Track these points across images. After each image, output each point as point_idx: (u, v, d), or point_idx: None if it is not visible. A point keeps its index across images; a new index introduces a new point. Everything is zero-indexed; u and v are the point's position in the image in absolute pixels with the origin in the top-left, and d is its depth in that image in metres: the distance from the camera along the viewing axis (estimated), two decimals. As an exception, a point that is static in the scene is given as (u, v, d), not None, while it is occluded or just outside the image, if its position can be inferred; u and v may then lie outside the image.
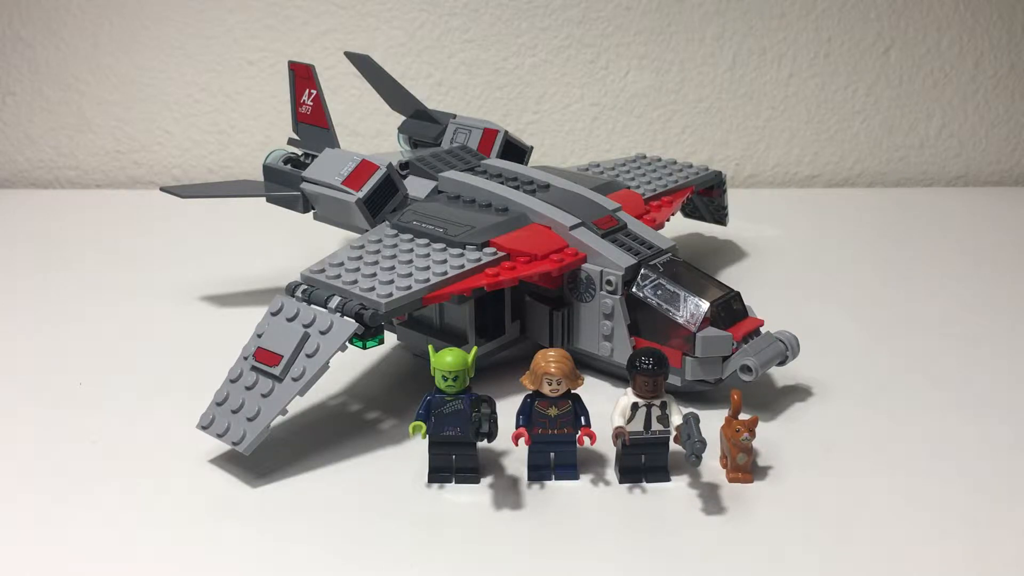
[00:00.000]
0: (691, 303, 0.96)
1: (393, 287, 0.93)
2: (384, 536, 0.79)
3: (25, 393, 1.04)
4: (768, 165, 1.99)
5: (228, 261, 1.45)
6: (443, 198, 1.15)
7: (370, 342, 0.92)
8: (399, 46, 1.89)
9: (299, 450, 0.92)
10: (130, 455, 0.91)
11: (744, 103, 1.96)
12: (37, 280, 1.39)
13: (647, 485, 0.86)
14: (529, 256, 1.02)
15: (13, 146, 1.93)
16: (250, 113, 1.92)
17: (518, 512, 0.83)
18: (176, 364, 1.11)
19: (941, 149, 2.00)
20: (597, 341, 1.03)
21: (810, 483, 0.86)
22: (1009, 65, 1.96)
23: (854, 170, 2.00)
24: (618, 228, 1.07)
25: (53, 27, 1.87)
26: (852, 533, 0.80)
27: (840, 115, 1.97)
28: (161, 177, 1.94)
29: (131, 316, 1.25)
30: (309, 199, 1.24)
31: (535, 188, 1.14)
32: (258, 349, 0.90)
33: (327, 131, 1.32)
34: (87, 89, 1.90)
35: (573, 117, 1.95)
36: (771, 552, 0.77)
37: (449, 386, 0.84)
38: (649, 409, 0.84)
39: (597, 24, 1.90)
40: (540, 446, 0.86)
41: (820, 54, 1.94)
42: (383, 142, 1.89)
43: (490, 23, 1.89)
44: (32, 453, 0.92)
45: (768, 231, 1.59)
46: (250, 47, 1.89)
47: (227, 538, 0.79)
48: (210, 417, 0.89)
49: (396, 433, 0.96)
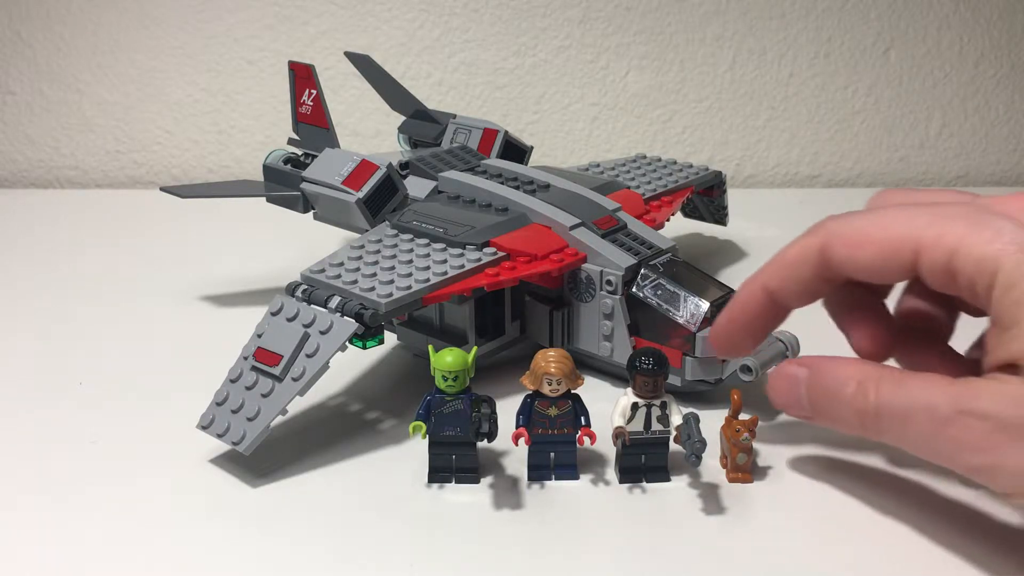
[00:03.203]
0: (691, 303, 0.96)
1: (393, 287, 0.93)
2: (384, 536, 0.79)
3: (25, 393, 1.04)
4: (768, 165, 1.99)
5: (228, 261, 1.45)
6: (443, 198, 1.15)
7: (370, 342, 0.92)
8: (399, 46, 1.89)
9: (299, 450, 0.92)
10: (130, 455, 0.91)
11: (744, 103, 1.96)
12: (37, 280, 1.39)
13: (647, 485, 0.86)
14: (529, 256, 1.02)
15: (13, 146, 1.93)
16: (250, 113, 1.92)
17: (518, 512, 0.83)
18: (176, 364, 1.11)
19: (941, 149, 2.00)
20: (597, 341, 1.03)
21: (810, 483, 0.86)
22: (1009, 65, 1.96)
23: (854, 170, 2.00)
24: (618, 228, 1.07)
25: (53, 27, 1.87)
26: (852, 533, 0.80)
27: (840, 115, 1.97)
28: (161, 177, 1.94)
29: (131, 316, 1.25)
30: (309, 199, 1.24)
31: (535, 188, 1.14)
32: (258, 349, 0.90)
33: (327, 131, 1.32)
34: (87, 89, 1.90)
35: (573, 117, 1.95)
36: (771, 552, 0.77)
37: (449, 386, 0.84)
38: (649, 409, 0.84)
39: (597, 24, 1.90)
40: (540, 446, 0.86)
41: (820, 54, 1.94)
42: (383, 142, 1.89)
43: (490, 23, 1.89)
44: (32, 453, 0.92)
45: (768, 231, 1.59)
46: (250, 47, 1.89)
47: (227, 538, 0.79)
48: (210, 417, 0.89)
49: (396, 433, 0.96)
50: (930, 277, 0.72)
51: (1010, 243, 0.67)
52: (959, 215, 0.70)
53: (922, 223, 0.72)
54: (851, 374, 0.75)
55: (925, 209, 0.73)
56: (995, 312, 0.69)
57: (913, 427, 0.70)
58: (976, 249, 0.68)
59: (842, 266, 0.76)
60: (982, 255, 0.68)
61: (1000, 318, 0.68)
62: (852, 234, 0.75)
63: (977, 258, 0.68)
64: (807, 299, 0.81)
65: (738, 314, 0.84)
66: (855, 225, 0.76)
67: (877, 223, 0.74)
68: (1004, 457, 0.66)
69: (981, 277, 0.68)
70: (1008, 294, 0.67)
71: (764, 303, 0.82)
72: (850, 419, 0.75)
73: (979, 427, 0.66)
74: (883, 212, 0.76)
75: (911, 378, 0.72)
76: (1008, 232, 0.68)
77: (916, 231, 0.71)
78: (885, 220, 0.74)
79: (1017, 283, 0.66)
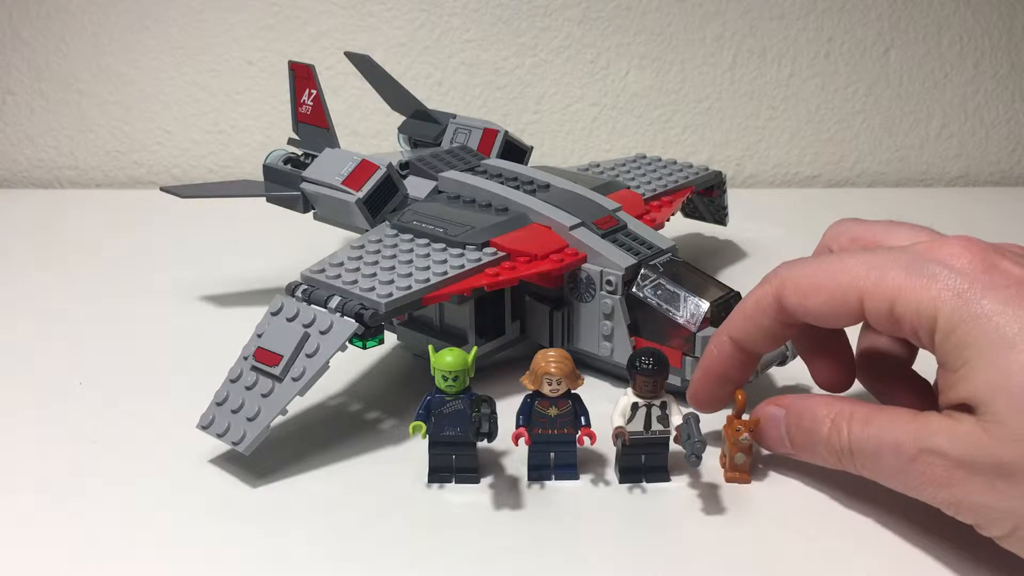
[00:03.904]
0: (691, 303, 0.96)
1: (393, 287, 0.93)
2: (384, 536, 0.79)
3: (25, 393, 1.04)
4: (768, 165, 1.99)
5: (228, 261, 1.45)
6: (443, 198, 1.15)
7: (370, 342, 0.92)
8: (399, 46, 1.89)
9: (299, 450, 0.92)
10: (130, 455, 0.91)
11: (744, 103, 1.96)
12: (37, 279, 1.39)
13: (647, 485, 0.86)
14: (529, 256, 1.02)
15: (13, 146, 1.93)
16: (250, 113, 1.92)
17: (518, 512, 0.83)
18: (176, 364, 1.11)
19: (941, 149, 2.00)
20: (597, 341, 1.03)
21: (810, 483, 0.86)
22: (1009, 65, 1.96)
23: (854, 170, 2.00)
24: (618, 228, 1.07)
25: (53, 27, 1.87)
26: (852, 533, 0.80)
27: (840, 115, 1.97)
28: (161, 177, 1.94)
29: (131, 316, 1.25)
30: (309, 199, 1.24)
31: (535, 188, 1.14)
32: (258, 349, 0.90)
33: (327, 131, 1.32)
34: (87, 89, 1.90)
35: (573, 117, 1.95)
36: (771, 552, 0.77)
37: (449, 386, 0.84)
38: (649, 409, 0.84)
39: (597, 24, 1.90)
40: (540, 446, 0.86)
41: (820, 54, 1.94)
42: (383, 142, 1.89)
43: (490, 23, 1.89)
44: (32, 453, 0.92)
45: (768, 231, 1.59)
46: (250, 47, 1.89)
47: (227, 538, 0.79)
48: (210, 417, 0.89)
49: (396, 433, 0.96)
50: (876, 323, 0.75)
51: (944, 289, 0.70)
52: (896, 263, 0.73)
53: (861, 272, 0.75)
54: (825, 413, 0.79)
55: (863, 257, 0.76)
56: (939, 356, 0.72)
57: (883, 463, 0.74)
58: (913, 296, 0.71)
59: (795, 312, 0.79)
60: (919, 301, 0.71)
61: (945, 362, 0.71)
62: (802, 281, 0.79)
63: (915, 305, 0.71)
64: (772, 344, 0.85)
65: (711, 367, 0.88)
66: (805, 272, 0.79)
67: (825, 270, 0.78)
68: (965, 492, 0.69)
69: (922, 323, 0.71)
70: (949, 339, 0.70)
71: (732, 353, 0.86)
72: (828, 457, 0.80)
73: (940, 463, 0.69)
74: (830, 259, 0.79)
75: (877, 415, 0.75)
76: (942, 278, 0.71)
77: (858, 280, 0.75)
78: (832, 267, 0.77)
79: (956, 327, 0.69)
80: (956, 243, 0.73)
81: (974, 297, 0.69)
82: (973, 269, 0.70)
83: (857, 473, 0.77)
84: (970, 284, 0.69)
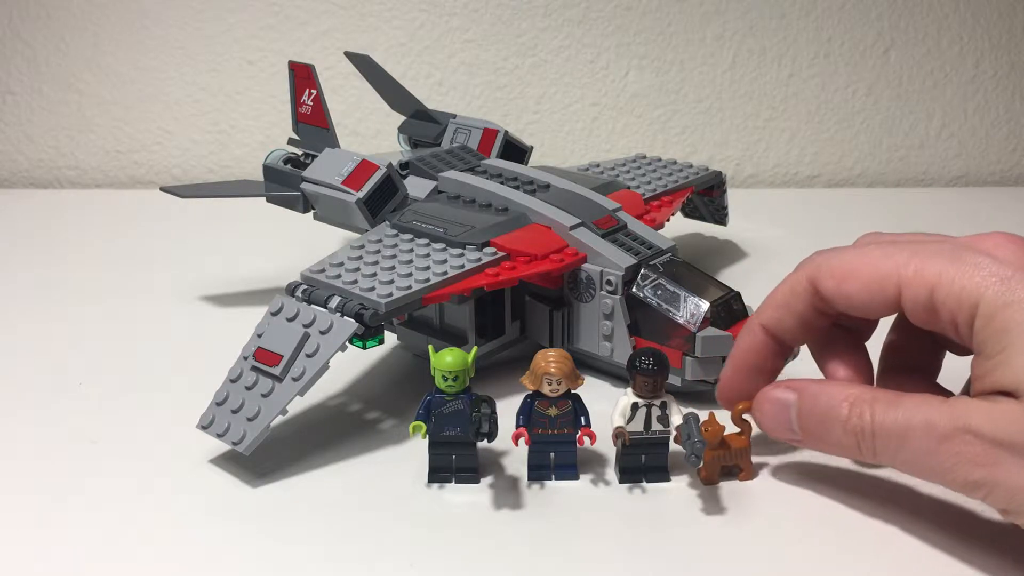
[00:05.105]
0: (691, 303, 0.96)
1: (393, 287, 0.93)
2: (384, 536, 0.79)
3: (25, 393, 1.04)
4: (768, 165, 1.99)
5: (228, 261, 1.45)
6: (443, 198, 1.15)
7: (370, 342, 0.92)
8: (399, 46, 1.89)
9: (299, 450, 0.92)
10: (130, 455, 0.91)
11: (744, 103, 1.96)
12: (37, 279, 1.39)
13: (647, 485, 0.86)
14: (529, 256, 1.02)
15: (13, 146, 1.93)
16: (250, 113, 1.92)
17: (518, 512, 0.83)
18: (176, 364, 1.11)
19: (941, 149, 2.00)
20: (597, 341, 1.03)
21: (810, 483, 0.86)
22: (1009, 65, 1.96)
23: (854, 170, 2.00)
24: (618, 228, 1.07)
25: (53, 27, 1.87)
26: (852, 533, 0.80)
27: (840, 115, 1.97)
28: (161, 177, 1.94)
29: (131, 316, 1.25)
30: (309, 199, 1.24)
31: (535, 188, 1.14)
32: (258, 349, 0.90)
33: (327, 131, 1.32)
34: (87, 89, 1.90)
35: (573, 117, 1.95)
36: (771, 552, 0.77)
37: (449, 386, 0.84)
38: (649, 409, 0.84)
39: (597, 24, 1.90)
40: (540, 446, 0.86)
41: (820, 54, 1.94)
42: (383, 142, 1.89)
43: (490, 23, 1.89)
44: (32, 453, 0.92)
45: (768, 231, 1.59)
46: (250, 47, 1.89)
47: (227, 538, 0.79)
48: (210, 417, 0.89)
49: (396, 433, 0.96)
50: (912, 313, 0.75)
51: (989, 275, 0.70)
52: (939, 252, 0.73)
53: (902, 259, 0.74)
54: (843, 396, 0.77)
55: (906, 246, 0.76)
56: (977, 342, 0.71)
57: (911, 445, 0.72)
58: (956, 283, 0.71)
59: (831, 298, 0.79)
60: (962, 288, 0.70)
61: (983, 348, 0.70)
62: (839, 267, 0.78)
63: (957, 291, 0.71)
64: (805, 333, 0.84)
65: (743, 360, 0.86)
66: (842, 258, 0.79)
67: (863, 257, 0.77)
68: (1003, 472, 0.67)
69: (962, 310, 0.71)
70: (990, 324, 0.69)
71: (765, 342, 0.84)
72: (844, 441, 0.77)
73: (977, 443, 0.68)
74: (869, 248, 0.78)
75: (905, 398, 0.74)
76: (987, 266, 0.70)
77: (898, 267, 0.74)
78: (870, 255, 0.77)
79: (998, 312, 0.69)
80: (997, 236, 0.74)
81: (1018, 284, 0.69)
82: (1017, 259, 0.71)
83: (872, 460, 0.76)
84: (1014, 272, 0.69)
